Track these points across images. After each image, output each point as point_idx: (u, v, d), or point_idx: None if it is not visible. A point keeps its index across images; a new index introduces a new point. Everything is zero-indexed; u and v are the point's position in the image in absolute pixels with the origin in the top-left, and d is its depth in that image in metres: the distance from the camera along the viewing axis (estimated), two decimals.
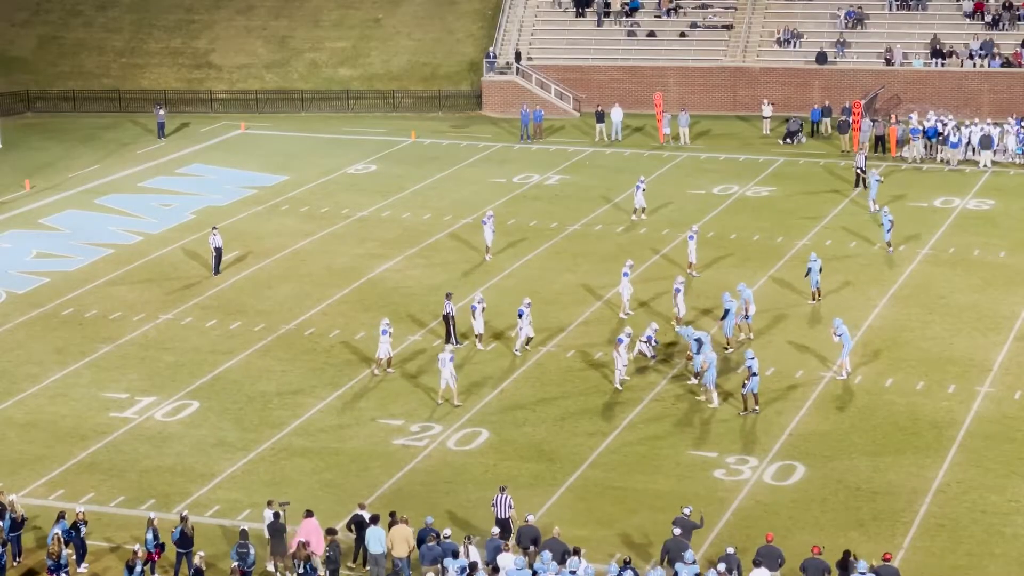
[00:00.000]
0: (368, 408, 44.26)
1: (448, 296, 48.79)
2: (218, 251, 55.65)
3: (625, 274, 50.63)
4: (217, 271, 55.65)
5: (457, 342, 48.19)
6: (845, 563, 32.96)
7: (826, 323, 48.48)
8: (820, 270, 51.46)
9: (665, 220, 61.14)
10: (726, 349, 47.31)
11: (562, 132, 77.31)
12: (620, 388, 44.85)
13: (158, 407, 44.61)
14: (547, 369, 46.76)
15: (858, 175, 65.13)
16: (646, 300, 51.81)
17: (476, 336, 48.09)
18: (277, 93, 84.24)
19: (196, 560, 34.15)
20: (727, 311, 47.49)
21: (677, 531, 34.17)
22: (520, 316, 47.61)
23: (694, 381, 44.70)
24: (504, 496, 35.85)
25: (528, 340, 47.88)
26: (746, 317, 48.14)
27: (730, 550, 33.48)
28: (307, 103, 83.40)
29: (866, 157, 66.17)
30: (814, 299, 51.53)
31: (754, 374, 43.11)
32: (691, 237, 54.52)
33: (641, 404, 44.08)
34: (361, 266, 56.57)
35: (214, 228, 56.97)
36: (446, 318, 48.34)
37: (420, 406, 44.29)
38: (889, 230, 56.34)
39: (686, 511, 35.02)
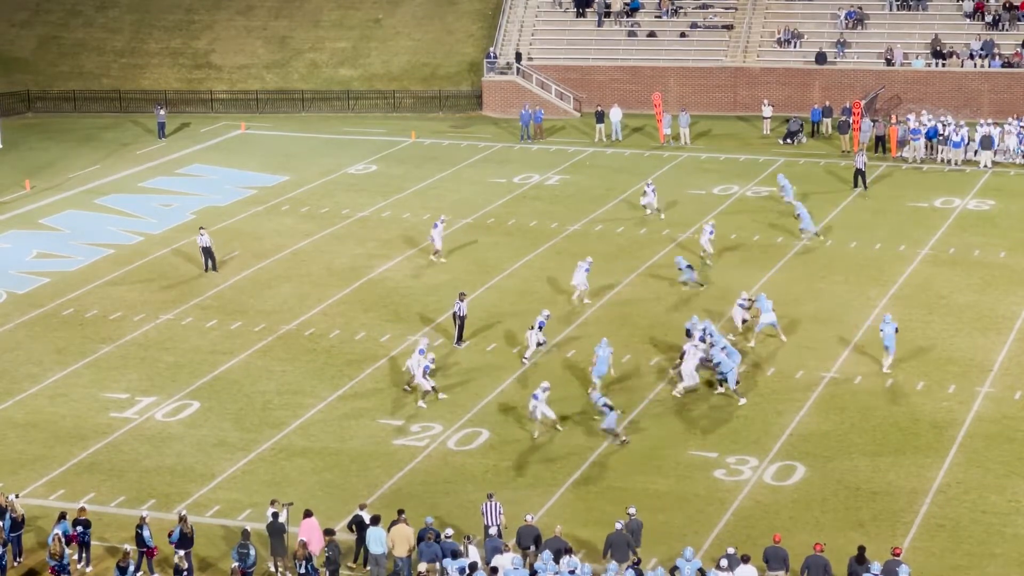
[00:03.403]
0: (368, 408, 44.27)
1: (461, 296, 48.77)
2: (206, 250, 55.75)
3: (585, 269, 51.50)
4: (214, 268, 55.69)
5: (461, 341, 48.24)
6: (861, 558, 33.00)
7: (826, 324, 48.57)
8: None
9: (665, 220, 61.11)
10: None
11: (562, 132, 77.31)
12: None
13: (158, 407, 44.62)
14: (547, 369, 46.74)
15: (857, 175, 65.19)
16: (644, 299, 51.88)
17: (424, 392, 44.43)
18: (277, 93, 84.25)
19: (175, 559, 34.11)
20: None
21: (619, 525, 34.29)
22: (540, 328, 47.44)
23: (721, 390, 44.51)
24: (493, 503, 35.69)
25: (528, 349, 47.62)
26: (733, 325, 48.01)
27: (730, 550, 33.51)
28: (307, 103, 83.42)
29: (866, 162, 65.86)
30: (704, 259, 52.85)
31: (723, 374, 43.56)
32: (709, 231, 55.84)
33: (642, 404, 44.09)
34: (361, 266, 56.58)
35: (201, 228, 57.08)
36: (455, 317, 48.33)
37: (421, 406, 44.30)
38: (809, 222, 57.47)
39: (631, 511, 35.13)
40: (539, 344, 47.16)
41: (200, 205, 65.03)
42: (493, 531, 34.92)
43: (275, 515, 35.45)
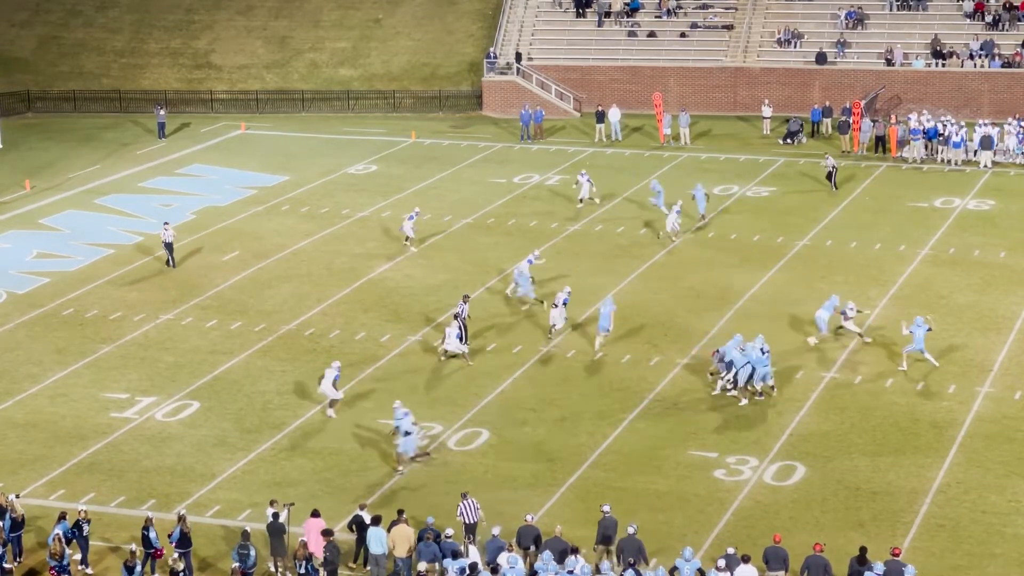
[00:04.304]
0: (368, 408, 44.26)
1: (465, 298, 48.82)
2: (168, 245, 56.10)
3: (529, 261, 52.55)
4: (172, 264, 56.04)
5: (464, 341, 48.26)
6: (863, 558, 33.00)
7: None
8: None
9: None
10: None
11: (562, 132, 77.32)
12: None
13: (158, 407, 44.61)
14: (547, 369, 46.77)
15: (829, 175, 65.03)
16: (644, 299, 51.89)
17: (332, 401, 43.80)
18: (277, 93, 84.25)
19: (171, 561, 34.08)
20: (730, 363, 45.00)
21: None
22: (564, 304, 48.35)
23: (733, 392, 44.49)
24: (469, 501, 35.73)
25: (552, 328, 48.44)
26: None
27: (730, 550, 33.51)
28: (307, 103, 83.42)
29: (835, 164, 65.52)
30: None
31: (737, 369, 43.72)
32: (676, 211, 58.02)
33: (642, 404, 44.09)
34: (361, 266, 56.58)
35: (166, 223, 57.19)
36: (457, 318, 48.30)
37: (421, 406, 44.26)
38: (703, 206, 59.75)
39: (605, 508, 35.23)
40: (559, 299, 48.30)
41: (200, 205, 65.03)
42: (496, 531, 34.90)
43: (275, 515, 35.45)
